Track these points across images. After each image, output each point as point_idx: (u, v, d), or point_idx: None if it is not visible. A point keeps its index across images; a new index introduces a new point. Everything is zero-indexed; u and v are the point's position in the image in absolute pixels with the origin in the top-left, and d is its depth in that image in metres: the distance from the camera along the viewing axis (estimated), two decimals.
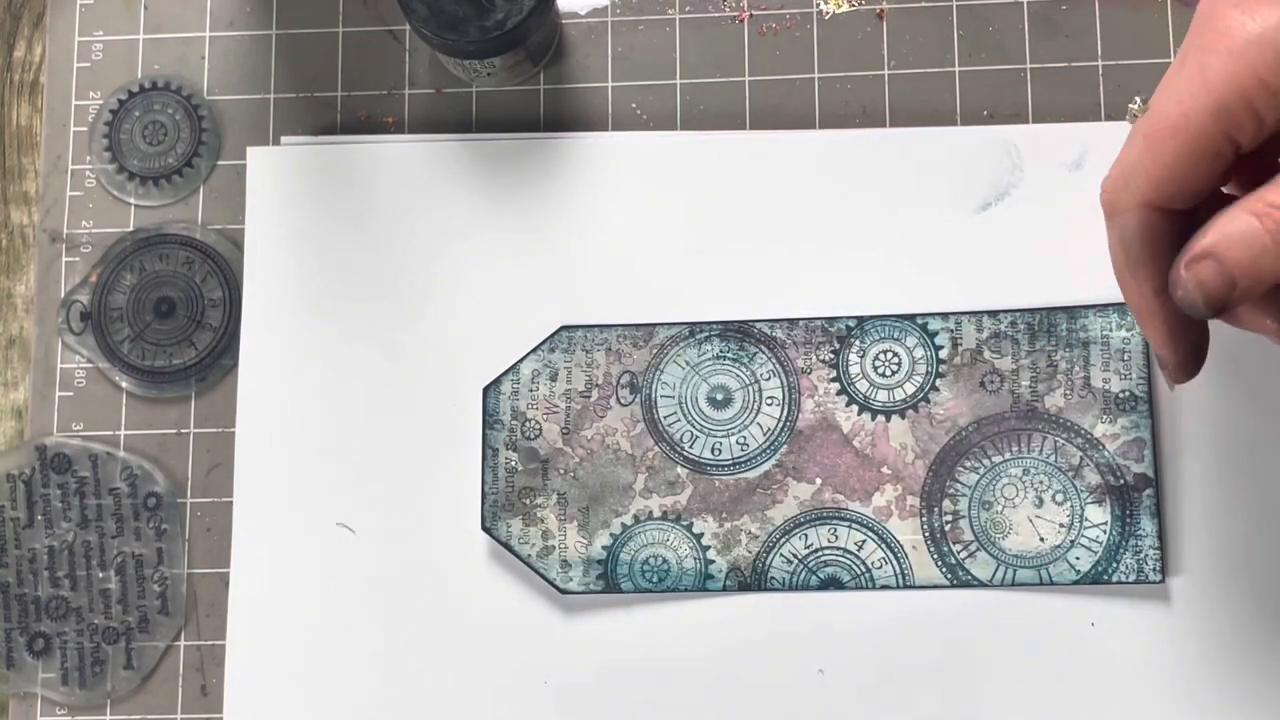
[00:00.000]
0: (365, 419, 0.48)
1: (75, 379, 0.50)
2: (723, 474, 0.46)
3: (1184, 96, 0.33)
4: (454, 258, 0.49)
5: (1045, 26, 0.49)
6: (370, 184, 0.49)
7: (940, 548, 0.45)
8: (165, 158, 0.51)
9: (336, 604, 0.47)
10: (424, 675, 0.47)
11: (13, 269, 0.52)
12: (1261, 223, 0.31)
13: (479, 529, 0.47)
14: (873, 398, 0.46)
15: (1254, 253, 0.31)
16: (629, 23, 0.50)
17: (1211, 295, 0.32)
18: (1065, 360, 0.45)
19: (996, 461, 0.45)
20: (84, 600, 0.48)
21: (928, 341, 0.46)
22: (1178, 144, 0.33)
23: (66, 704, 0.48)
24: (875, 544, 0.45)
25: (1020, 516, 0.45)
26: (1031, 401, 0.45)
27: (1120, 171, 0.35)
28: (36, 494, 0.49)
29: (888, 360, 0.46)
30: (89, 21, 0.52)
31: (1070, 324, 0.45)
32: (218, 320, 0.50)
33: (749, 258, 0.47)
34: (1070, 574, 0.44)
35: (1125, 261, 0.36)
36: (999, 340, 0.46)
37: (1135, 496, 0.45)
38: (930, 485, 0.45)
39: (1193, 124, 0.33)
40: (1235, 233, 0.31)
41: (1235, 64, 0.32)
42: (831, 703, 0.45)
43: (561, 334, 0.47)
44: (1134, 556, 0.44)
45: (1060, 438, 0.45)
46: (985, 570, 0.45)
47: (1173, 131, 0.33)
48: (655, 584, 0.46)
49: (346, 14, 0.51)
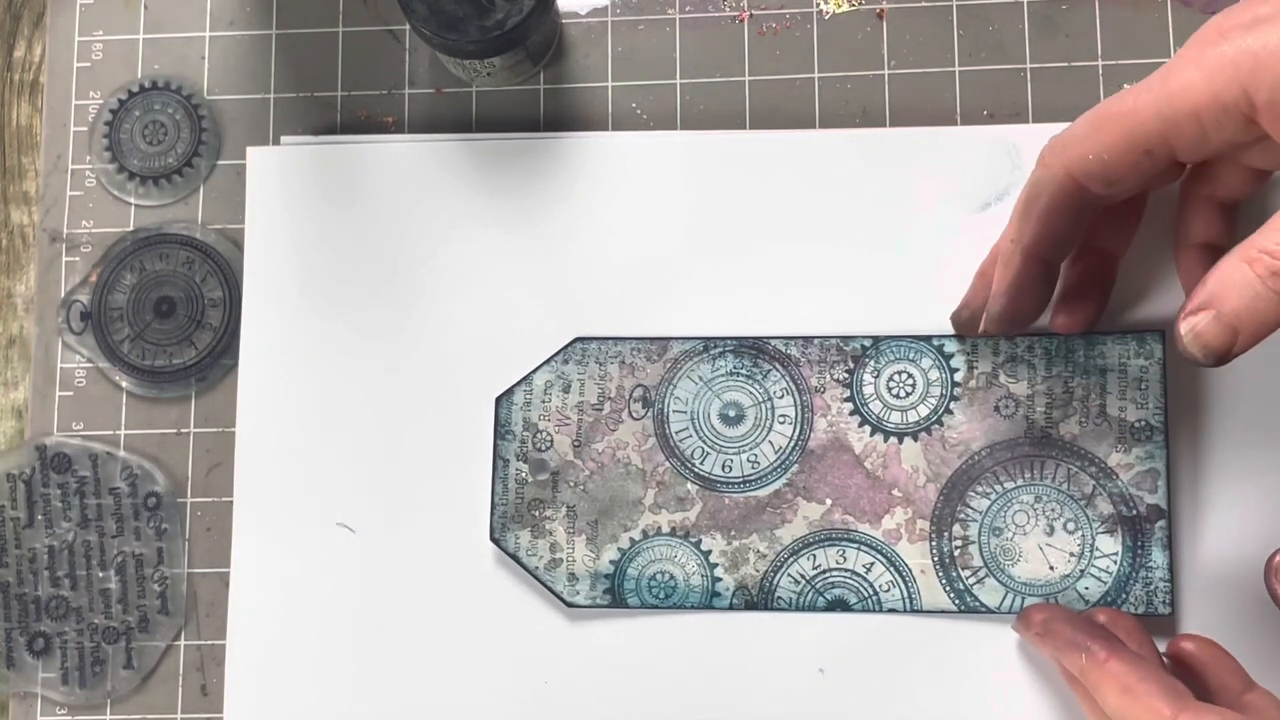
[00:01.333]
0: (365, 419, 0.48)
1: (75, 379, 0.50)
2: (733, 491, 0.46)
3: (1144, 90, 0.35)
4: (453, 258, 0.49)
5: (1045, 26, 0.49)
6: (370, 184, 0.49)
7: (949, 573, 0.45)
8: (165, 157, 0.51)
9: (336, 604, 0.47)
10: (424, 677, 0.47)
11: (13, 269, 0.52)
12: (1253, 268, 0.31)
13: (480, 530, 0.47)
14: (886, 419, 0.46)
15: (1249, 299, 0.31)
16: (629, 23, 0.50)
17: (1209, 347, 0.32)
18: (1081, 387, 0.45)
19: (1009, 487, 0.45)
20: (84, 600, 0.48)
21: (943, 364, 0.46)
22: (1117, 129, 0.35)
23: (66, 704, 0.48)
24: (884, 567, 0.45)
25: (1030, 544, 0.45)
26: (1046, 428, 0.45)
27: (1066, 135, 0.37)
28: (36, 494, 0.49)
29: (902, 381, 0.46)
30: (89, 21, 0.52)
31: (1088, 350, 0.45)
32: (218, 320, 0.50)
33: (751, 257, 0.47)
34: (1079, 604, 0.44)
35: (1024, 208, 0.39)
36: (1015, 365, 0.45)
37: (1147, 528, 0.44)
38: (941, 509, 0.45)
39: (1138, 115, 0.35)
40: (1230, 281, 0.32)
41: (1197, 76, 0.33)
42: (832, 703, 0.45)
43: (575, 345, 0.47)
44: (1144, 588, 0.44)
45: (1074, 465, 0.45)
46: (993, 597, 0.44)
47: (1119, 116, 0.35)
48: (662, 600, 0.45)
49: (346, 14, 0.51)
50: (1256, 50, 0.32)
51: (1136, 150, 0.35)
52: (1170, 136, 0.34)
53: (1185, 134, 0.34)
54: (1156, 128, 0.34)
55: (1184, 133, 0.34)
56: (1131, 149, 0.35)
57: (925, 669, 0.45)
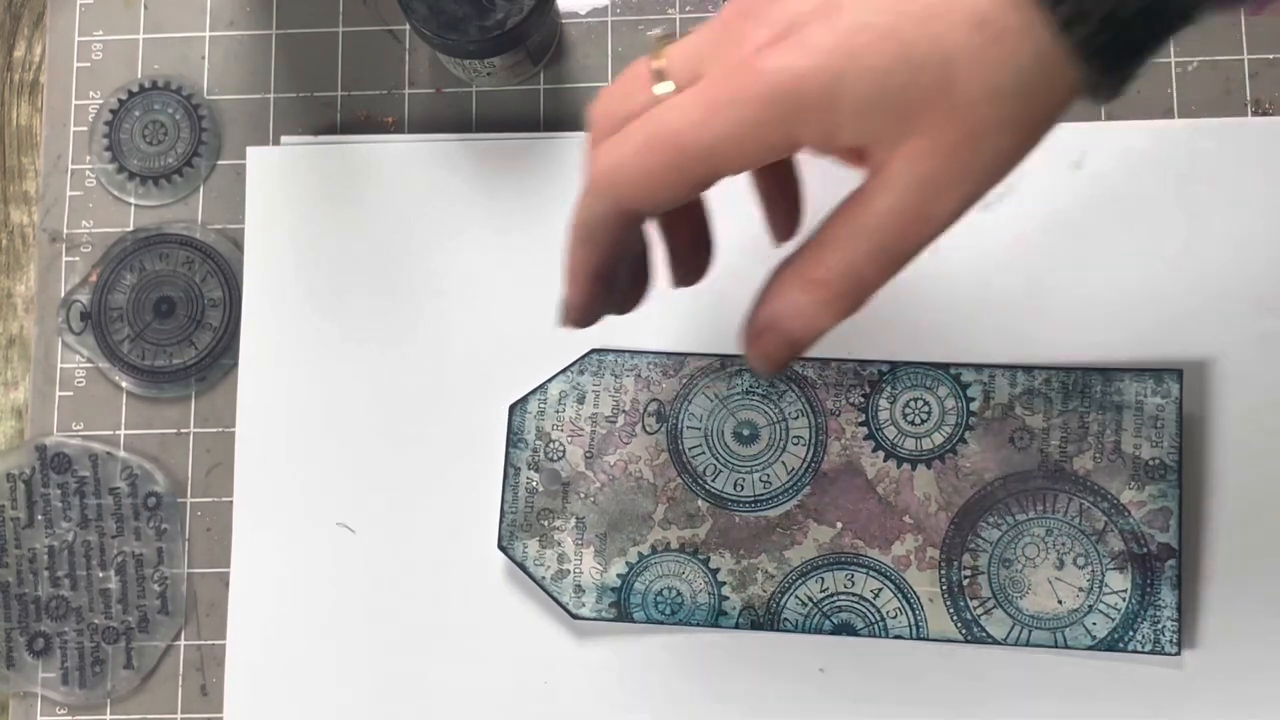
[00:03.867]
0: (365, 419, 0.48)
1: (75, 379, 0.50)
2: (743, 510, 0.46)
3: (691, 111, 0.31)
4: (453, 258, 0.49)
5: None
6: (370, 184, 0.49)
7: (957, 602, 0.45)
8: (165, 157, 0.51)
9: (337, 604, 0.47)
10: (423, 678, 0.47)
11: (13, 269, 0.52)
12: (813, 295, 0.32)
13: (482, 533, 0.47)
14: (900, 445, 0.45)
15: (807, 318, 0.32)
16: (629, 23, 0.50)
17: (777, 361, 0.33)
18: (1097, 423, 0.45)
19: (1020, 519, 0.45)
20: (84, 600, 0.48)
21: (960, 392, 0.45)
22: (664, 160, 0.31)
23: (66, 704, 0.48)
24: (892, 593, 0.45)
25: (1040, 577, 0.44)
26: (1060, 462, 0.45)
27: (614, 158, 0.32)
28: (36, 494, 0.49)
29: (918, 408, 0.46)
30: (89, 21, 0.52)
31: (1105, 386, 0.45)
32: (218, 320, 0.49)
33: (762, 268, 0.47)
34: (1086, 639, 0.44)
35: (583, 236, 0.34)
36: (1031, 397, 0.45)
37: (1157, 566, 0.44)
38: (951, 538, 0.45)
39: (683, 151, 0.31)
40: (789, 304, 0.32)
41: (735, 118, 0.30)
42: (832, 702, 0.45)
43: (591, 356, 0.47)
44: (1151, 627, 0.44)
45: (1086, 500, 0.45)
46: (1000, 629, 0.44)
47: (665, 145, 0.31)
48: (668, 616, 0.45)
49: (346, 14, 0.51)
50: (792, 86, 0.29)
51: (686, 185, 0.32)
52: (721, 170, 0.31)
53: (736, 167, 0.31)
54: (704, 164, 0.31)
55: (734, 166, 0.31)
56: (682, 182, 0.31)
57: (924, 665, 0.45)
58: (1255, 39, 0.49)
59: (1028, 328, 0.46)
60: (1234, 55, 0.49)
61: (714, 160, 0.31)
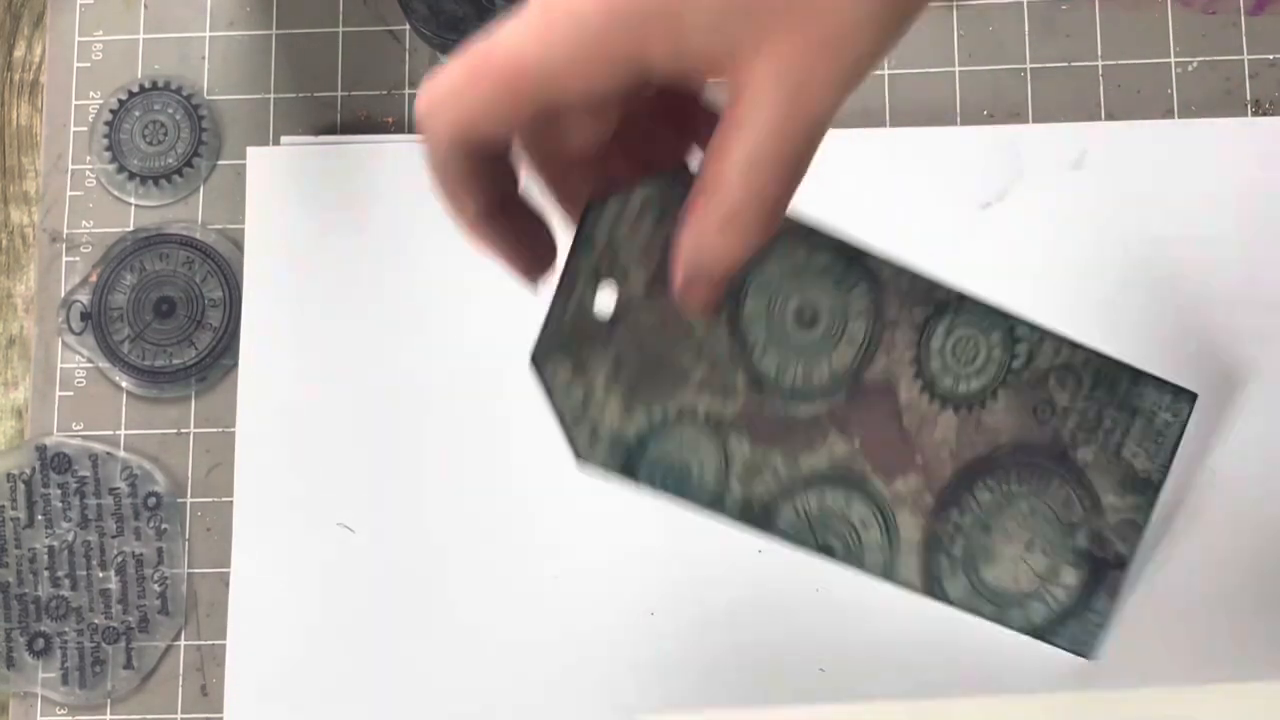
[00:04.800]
0: (365, 418, 0.48)
1: (75, 379, 0.50)
2: (776, 400, 0.43)
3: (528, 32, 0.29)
4: (453, 258, 0.49)
5: (1045, 26, 0.49)
6: (370, 184, 0.49)
7: (933, 554, 0.45)
8: (165, 158, 0.51)
9: (336, 604, 0.47)
10: (423, 676, 0.47)
11: (13, 269, 0.52)
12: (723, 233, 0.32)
13: (481, 531, 0.47)
14: (939, 380, 0.44)
15: (733, 253, 0.32)
16: None
17: (715, 304, 0.34)
18: (1110, 420, 0.45)
19: (1014, 490, 0.45)
20: (84, 600, 0.48)
21: (1009, 345, 0.45)
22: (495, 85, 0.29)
23: (66, 704, 0.48)
24: (878, 529, 0.45)
25: (1009, 553, 0.45)
26: (1068, 446, 0.45)
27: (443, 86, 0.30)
28: (36, 494, 0.49)
29: (967, 348, 0.45)
30: (89, 21, 0.52)
31: (1130, 386, 0.45)
32: (218, 320, 0.50)
33: None
34: (1021, 622, 0.45)
35: (440, 183, 0.32)
36: (1066, 373, 0.45)
37: (1105, 573, 0.45)
38: (949, 490, 0.45)
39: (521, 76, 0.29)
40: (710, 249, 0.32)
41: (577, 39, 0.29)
42: (831, 702, 0.45)
43: (684, 173, 0.38)
44: (1079, 626, 0.45)
45: (1075, 492, 0.45)
46: (956, 590, 0.45)
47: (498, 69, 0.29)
48: (671, 488, 0.43)
49: (346, 14, 0.51)
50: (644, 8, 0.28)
51: (521, 109, 0.30)
52: (561, 92, 0.29)
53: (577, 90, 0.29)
54: (540, 86, 0.29)
55: (576, 89, 0.29)
56: (516, 106, 0.29)
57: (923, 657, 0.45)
58: (1255, 39, 0.49)
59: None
60: (1234, 55, 0.49)
61: (553, 82, 0.29)
